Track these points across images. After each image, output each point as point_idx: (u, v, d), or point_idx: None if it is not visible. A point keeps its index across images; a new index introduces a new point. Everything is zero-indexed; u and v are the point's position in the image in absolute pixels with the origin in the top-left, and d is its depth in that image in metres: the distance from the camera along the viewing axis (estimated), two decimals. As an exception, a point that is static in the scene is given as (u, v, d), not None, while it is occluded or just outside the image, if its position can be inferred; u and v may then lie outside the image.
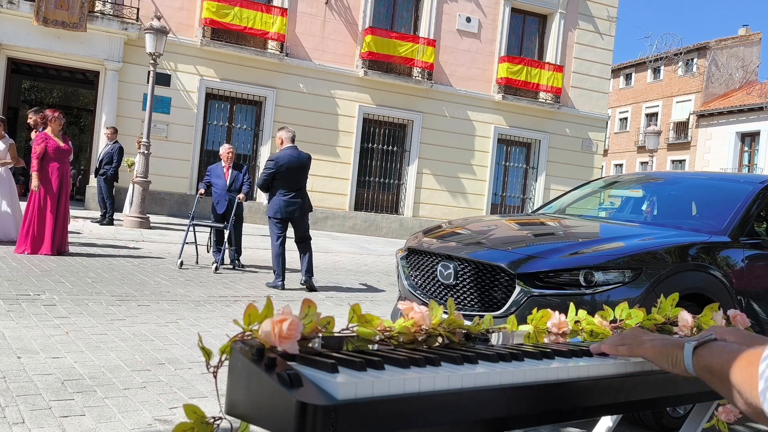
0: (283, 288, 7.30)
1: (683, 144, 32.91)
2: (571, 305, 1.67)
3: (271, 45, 15.68)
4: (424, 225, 15.67)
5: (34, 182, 7.97)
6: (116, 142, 12.50)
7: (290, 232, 7.63)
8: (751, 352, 1.02)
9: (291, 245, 7.86)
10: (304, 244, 7.54)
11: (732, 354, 1.06)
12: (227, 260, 8.71)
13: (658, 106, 34.71)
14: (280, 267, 7.34)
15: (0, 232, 8.52)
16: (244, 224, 9.15)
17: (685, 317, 1.75)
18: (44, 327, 4.54)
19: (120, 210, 13.26)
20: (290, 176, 7.31)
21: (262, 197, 15.82)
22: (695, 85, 32.64)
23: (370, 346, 1.18)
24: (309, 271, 7.49)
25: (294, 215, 7.39)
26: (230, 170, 8.76)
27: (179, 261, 8.10)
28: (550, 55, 18.46)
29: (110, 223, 12.03)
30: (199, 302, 6.08)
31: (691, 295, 3.57)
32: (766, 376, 0.95)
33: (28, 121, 8.95)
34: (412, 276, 4.18)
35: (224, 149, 8.88)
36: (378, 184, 17.21)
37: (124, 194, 13.99)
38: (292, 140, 7.54)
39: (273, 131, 15.84)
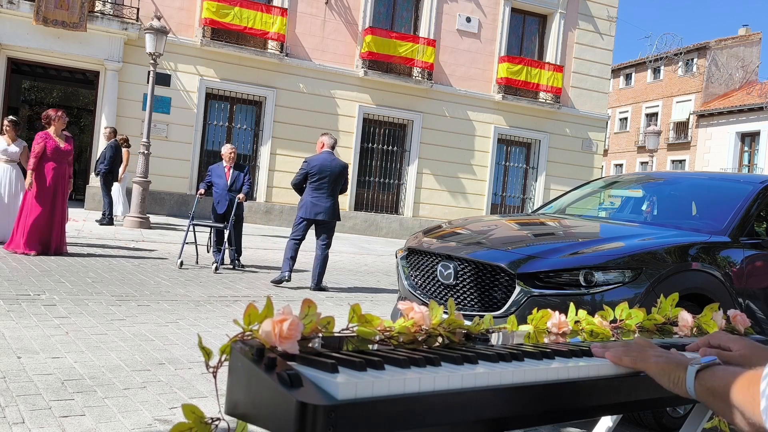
0: (288, 279, 7.40)
1: (683, 144, 32.92)
2: (571, 305, 1.67)
3: (271, 45, 15.68)
4: (424, 225, 15.67)
5: (28, 180, 7.92)
6: (115, 140, 12.45)
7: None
8: (753, 372, 1.02)
9: (306, 246, 7.90)
10: (322, 250, 7.63)
11: (734, 375, 1.05)
12: (227, 260, 8.71)
13: (658, 106, 34.71)
14: (288, 264, 7.47)
15: (9, 233, 8.49)
16: (244, 224, 9.15)
17: (685, 317, 1.75)
18: (44, 327, 4.54)
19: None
20: (320, 180, 7.49)
21: (261, 197, 15.83)
22: (695, 85, 32.65)
23: (370, 346, 1.18)
24: (318, 277, 7.59)
25: (318, 218, 7.51)
26: (231, 170, 8.77)
27: (179, 261, 8.10)
28: (550, 55, 18.46)
29: (110, 222, 12.01)
30: (199, 302, 6.08)
31: (691, 295, 3.57)
32: (767, 395, 0.94)
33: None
34: (412, 276, 4.17)
35: (226, 149, 8.88)
36: (378, 184, 17.21)
37: (127, 194, 13.98)
38: (332, 147, 7.77)
39: (273, 131, 15.86)
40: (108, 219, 12.00)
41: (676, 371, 1.17)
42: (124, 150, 12.74)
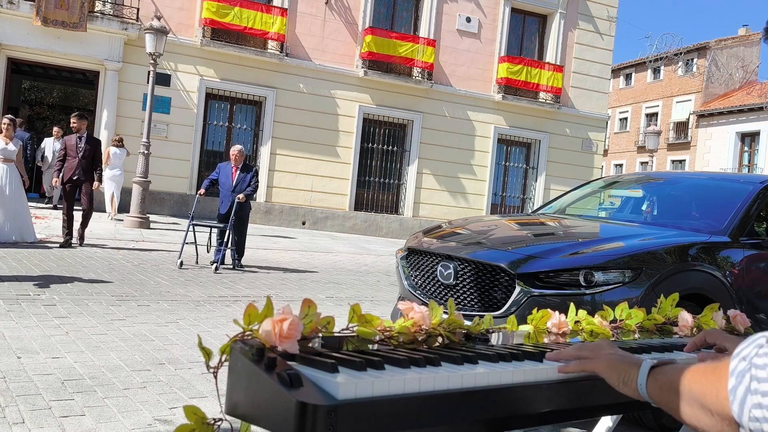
0: None
1: (683, 144, 32.91)
2: (571, 305, 1.68)
3: (271, 45, 15.68)
4: (424, 225, 15.67)
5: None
6: (28, 133, 12.20)
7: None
8: (719, 361, 0.93)
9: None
10: None
11: (694, 366, 0.96)
12: (228, 260, 8.71)
13: (658, 106, 34.71)
14: None
15: (17, 233, 8.48)
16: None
17: (685, 317, 1.76)
18: (44, 327, 4.54)
19: (121, 210, 13.19)
20: None
21: (261, 197, 15.80)
22: (695, 85, 32.64)
23: (370, 346, 1.18)
24: None
25: None
26: (238, 171, 8.75)
27: (179, 261, 8.10)
28: (550, 55, 18.45)
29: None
30: (199, 302, 6.08)
31: (691, 295, 3.57)
32: (737, 372, 0.84)
33: (72, 125, 9.15)
34: (412, 276, 4.17)
35: (232, 150, 8.88)
36: (378, 184, 17.21)
37: (127, 194, 13.97)
38: None
39: (273, 131, 15.86)
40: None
41: (628, 369, 1.11)
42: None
